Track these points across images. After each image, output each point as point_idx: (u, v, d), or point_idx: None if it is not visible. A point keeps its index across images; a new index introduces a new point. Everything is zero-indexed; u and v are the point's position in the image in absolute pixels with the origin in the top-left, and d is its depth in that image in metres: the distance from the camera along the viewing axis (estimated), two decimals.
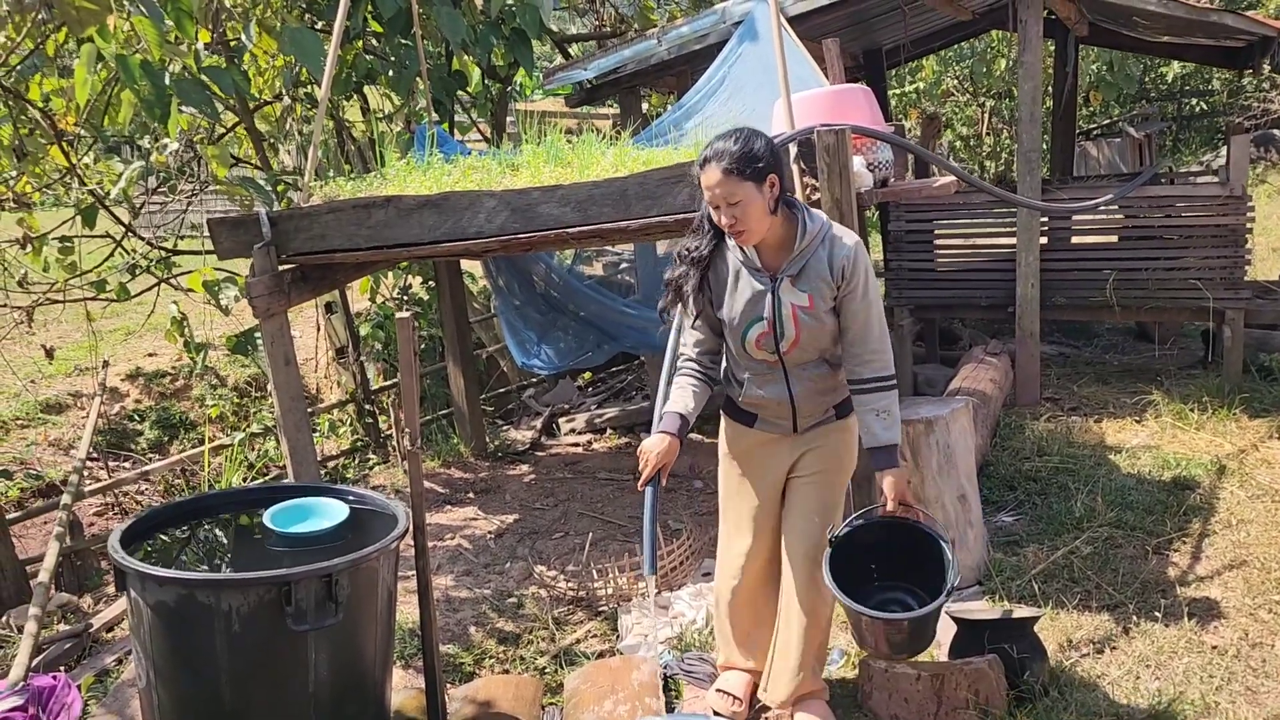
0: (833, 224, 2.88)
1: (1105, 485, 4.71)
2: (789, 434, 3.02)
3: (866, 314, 2.84)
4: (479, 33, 5.92)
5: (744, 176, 2.68)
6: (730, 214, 2.72)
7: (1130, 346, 7.85)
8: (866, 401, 2.88)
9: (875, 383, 2.86)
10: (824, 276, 2.82)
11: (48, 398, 8.26)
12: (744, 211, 2.71)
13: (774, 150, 2.75)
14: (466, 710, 3.27)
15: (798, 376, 2.93)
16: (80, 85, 4.53)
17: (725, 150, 2.70)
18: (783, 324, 2.85)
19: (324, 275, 4.44)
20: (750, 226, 2.74)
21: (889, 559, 3.00)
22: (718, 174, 2.70)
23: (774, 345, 2.88)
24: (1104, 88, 13.35)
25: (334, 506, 3.01)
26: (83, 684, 3.64)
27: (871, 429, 2.88)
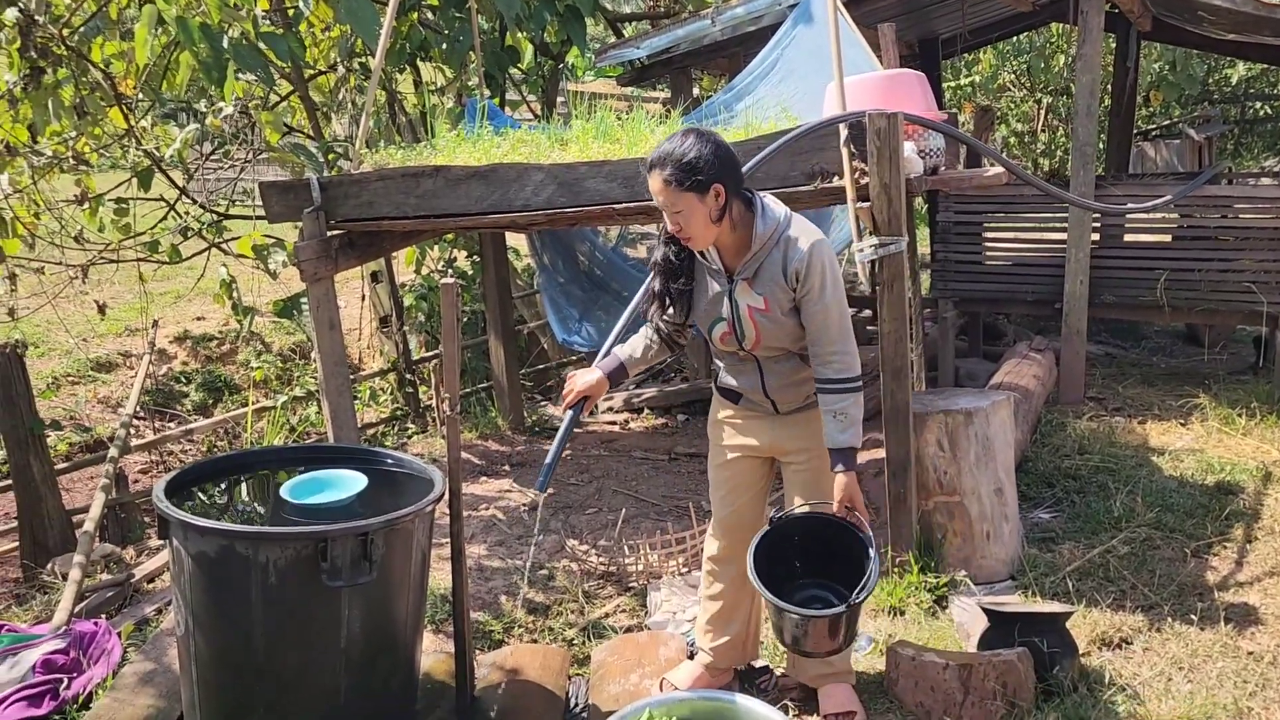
0: (793, 224, 2.80)
1: (1146, 486, 4.64)
2: (772, 415, 3.01)
3: (825, 315, 2.77)
4: (533, 9, 5.94)
5: (684, 188, 2.64)
6: (674, 221, 2.72)
7: (1179, 349, 7.72)
8: (825, 402, 2.83)
9: (835, 384, 2.80)
10: (777, 280, 2.78)
11: (98, 356, 8.45)
12: (686, 220, 2.70)
13: (720, 159, 2.67)
14: (494, 676, 3.31)
15: (770, 369, 2.93)
16: (140, 46, 4.61)
17: (667, 158, 2.65)
18: (741, 324, 2.85)
19: (371, 242, 4.49)
20: (693, 234, 2.73)
21: (818, 555, 2.92)
22: (658, 182, 2.68)
23: (737, 344, 2.90)
24: (1165, 87, 13.08)
25: (351, 479, 2.98)
26: (123, 631, 3.73)
27: (828, 429, 2.83)
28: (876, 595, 3.79)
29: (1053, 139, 14.54)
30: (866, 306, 8.52)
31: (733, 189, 2.71)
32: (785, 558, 2.91)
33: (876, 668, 3.34)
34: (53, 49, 4.91)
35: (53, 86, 5.07)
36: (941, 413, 3.86)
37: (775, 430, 3.01)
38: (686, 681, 3.17)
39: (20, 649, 3.49)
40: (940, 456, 3.87)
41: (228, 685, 2.69)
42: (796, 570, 2.93)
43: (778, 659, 3.41)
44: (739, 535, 3.11)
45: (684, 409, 6.62)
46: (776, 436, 3.02)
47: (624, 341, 3.15)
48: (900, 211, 3.54)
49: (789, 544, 2.92)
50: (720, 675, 3.24)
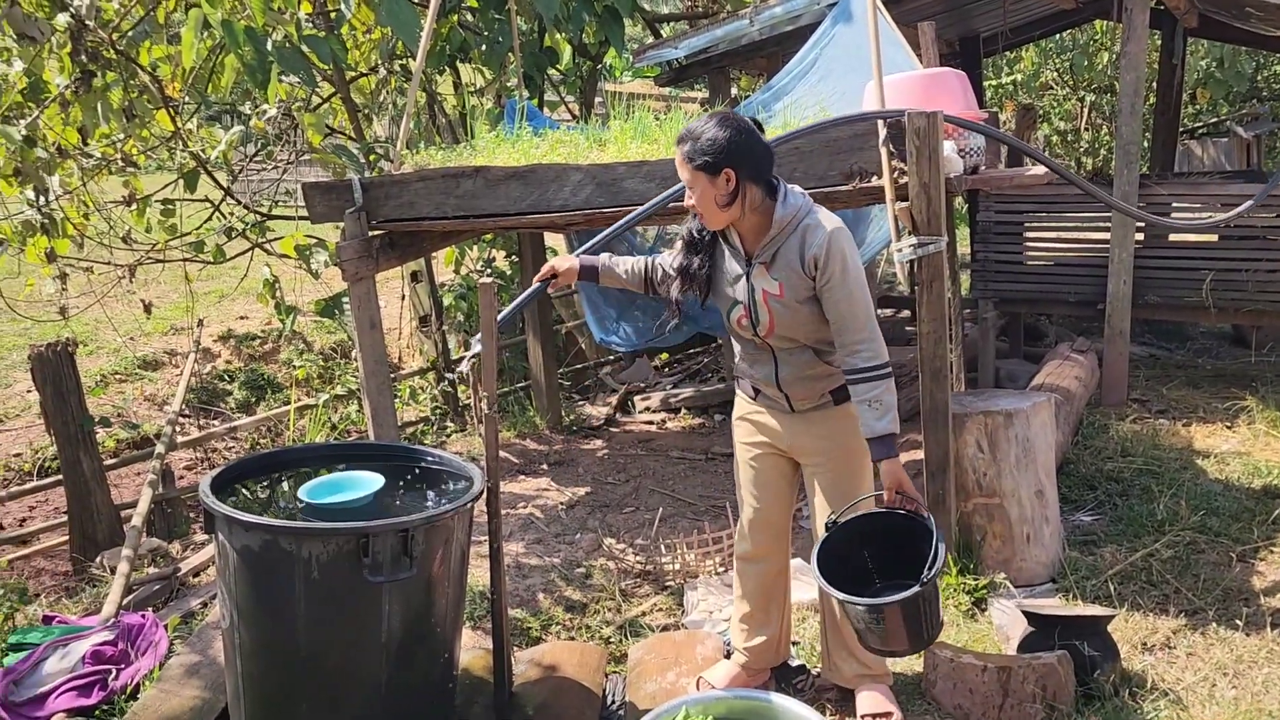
0: (813, 211, 2.80)
1: (1190, 489, 4.58)
2: (787, 412, 3.00)
3: (849, 303, 2.77)
4: (572, 10, 5.97)
5: (694, 166, 2.71)
6: (690, 198, 2.79)
7: (1225, 350, 7.59)
8: (858, 391, 2.81)
9: (865, 372, 2.78)
10: (794, 266, 2.78)
11: (145, 354, 8.61)
12: (698, 200, 2.76)
13: (735, 144, 2.68)
14: (532, 673, 3.34)
15: (784, 360, 2.93)
16: (187, 49, 4.69)
17: (688, 136, 2.72)
18: (756, 309, 2.86)
19: (411, 242, 4.54)
20: (704, 214, 2.79)
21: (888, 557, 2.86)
22: (677, 156, 2.76)
23: (753, 329, 2.90)
24: (1212, 85, 12.84)
25: (368, 480, 3.00)
26: (169, 624, 3.81)
27: (865, 419, 2.80)
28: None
29: (1096, 137, 14.34)
30: (905, 307, 8.48)
31: (746, 175, 2.72)
32: (857, 563, 2.86)
33: (914, 669, 3.33)
34: (103, 53, 5.01)
35: (102, 90, 5.17)
36: (981, 414, 3.84)
37: (793, 429, 3.01)
38: (723, 680, 3.18)
39: (70, 640, 3.57)
40: (980, 458, 3.85)
41: (271, 677, 2.74)
42: (872, 574, 2.88)
43: (815, 659, 3.41)
44: (765, 533, 3.12)
45: (720, 409, 6.62)
46: (794, 435, 3.01)
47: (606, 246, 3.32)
48: (939, 211, 3.52)
49: (856, 552, 2.87)
50: (756, 675, 3.24)
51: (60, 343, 5.16)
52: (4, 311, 7.62)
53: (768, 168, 2.78)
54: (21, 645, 3.62)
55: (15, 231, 5.43)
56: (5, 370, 8.35)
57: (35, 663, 3.46)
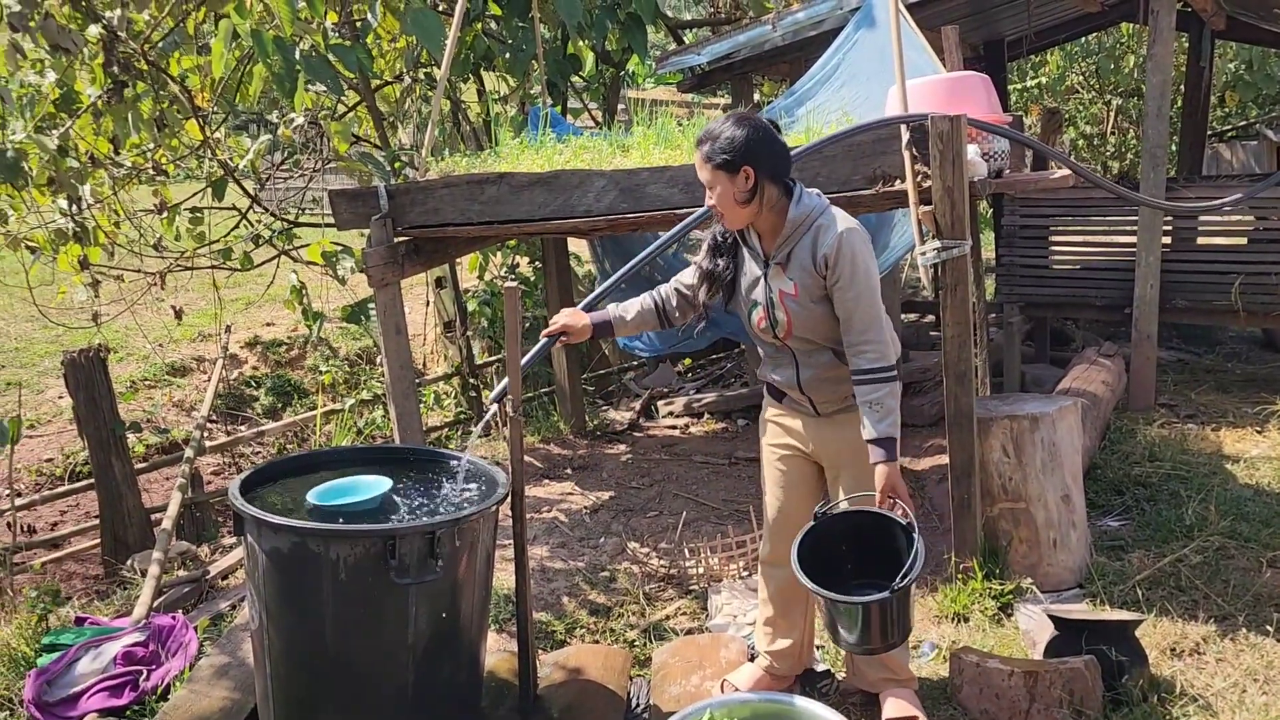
0: (828, 211, 2.82)
1: (1219, 494, 4.54)
2: (812, 415, 3.01)
3: (856, 303, 2.77)
4: (594, 17, 6.00)
5: (714, 165, 2.74)
6: (709, 197, 2.81)
7: (1255, 355, 7.51)
8: (861, 392, 2.82)
9: (868, 374, 2.79)
10: (806, 266, 2.79)
11: (174, 361, 8.71)
12: (717, 199, 2.79)
13: (754, 143, 2.72)
14: (556, 676, 3.35)
15: (805, 363, 2.94)
16: (216, 59, 4.76)
17: (708, 136, 2.76)
18: (774, 309, 2.88)
19: (436, 248, 4.58)
20: (724, 213, 2.82)
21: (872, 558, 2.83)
22: (697, 157, 2.80)
23: (771, 330, 2.92)
24: (1241, 88, 12.72)
25: (375, 483, 2.98)
26: (199, 625, 3.85)
27: (865, 420, 2.81)
28: (940, 601, 3.76)
29: (1123, 141, 14.22)
30: (929, 311, 8.45)
31: (764, 173, 2.75)
32: (837, 561, 2.86)
33: (940, 674, 3.31)
34: (134, 64, 5.08)
35: (133, 100, 5.25)
36: (1006, 418, 3.82)
37: (818, 432, 3.01)
38: (747, 684, 3.18)
39: (102, 641, 3.62)
40: (1005, 462, 3.83)
41: (299, 678, 2.77)
42: (849, 573, 2.86)
43: (840, 664, 3.41)
44: (788, 536, 3.09)
45: (744, 414, 6.62)
46: (819, 439, 3.01)
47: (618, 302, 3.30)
48: (963, 215, 3.51)
49: (838, 546, 2.87)
50: (780, 679, 3.24)
51: (92, 349, 5.23)
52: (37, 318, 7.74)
53: (785, 167, 2.81)
54: (55, 646, 3.67)
55: (48, 240, 5.52)
56: (38, 376, 8.48)
57: (68, 663, 3.51)
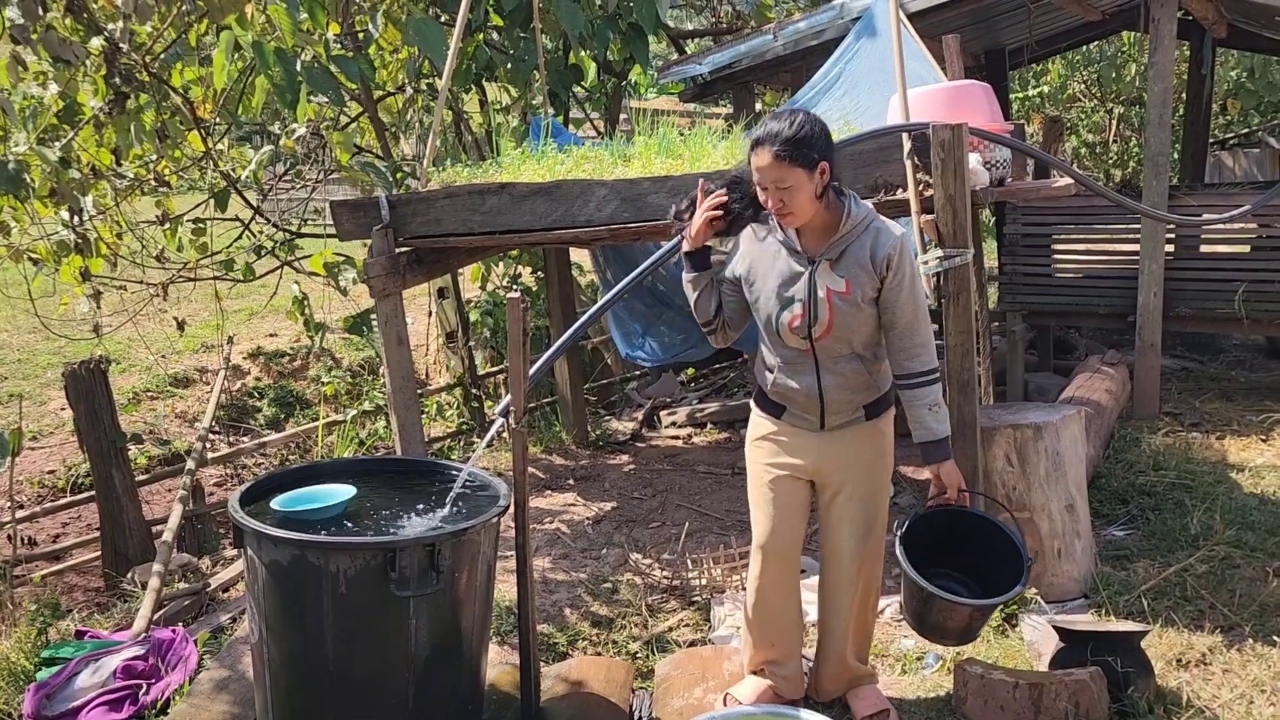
0: (879, 215, 2.84)
1: (1225, 503, 4.51)
2: (816, 430, 2.95)
3: (914, 306, 2.80)
4: (596, 27, 6.01)
5: (794, 163, 2.65)
6: (778, 198, 2.71)
7: (1259, 363, 7.49)
8: (919, 396, 2.83)
9: (925, 376, 2.82)
10: (864, 265, 2.77)
11: (176, 372, 8.71)
12: (792, 196, 2.70)
13: (827, 136, 2.73)
14: (558, 688, 3.33)
15: (829, 369, 2.87)
16: (218, 71, 4.76)
17: (778, 134, 2.67)
18: (817, 308, 2.80)
19: (438, 258, 4.57)
20: (796, 210, 2.72)
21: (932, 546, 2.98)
22: (768, 158, 2.67)
23: (807, 330, 2.83)
24: (1244, 95, 12.72)
25: (339, 491, 2.99)
26: (199, 639, 3.83)
27: (926, 423, 2.84)
28: None
29: (1125, 149, 14.22)
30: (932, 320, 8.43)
31: (835, 168, 2.75)
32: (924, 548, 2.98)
33: (944, 686, 3.29)
34: (136, 75, 5.09)
35: (135, 111, 5.25)
36: (1010, 427, 3.80)
37: (821, 449, 2.96)
38: (750, 696, 3.15)
39: (102, 655, 3.61)
40: (1009, 471, 3.81)
41: (299, 691, 2.76)
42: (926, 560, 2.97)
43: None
44: (784, 560, 3.05)
45: (747, 424, 6.59)
46: (822, 456, 2.96)
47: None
48: (965, 223, 3.50)
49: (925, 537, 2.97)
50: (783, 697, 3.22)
51: (94, 361, 5.23)
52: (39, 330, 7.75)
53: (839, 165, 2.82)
54: (54, 660, 3.65)
55: (50, 251, 5.52)
56: (40, 388, 8.47)
57: (68, 677, 3.49)
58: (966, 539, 2.99)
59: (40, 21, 4.29)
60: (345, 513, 2.93)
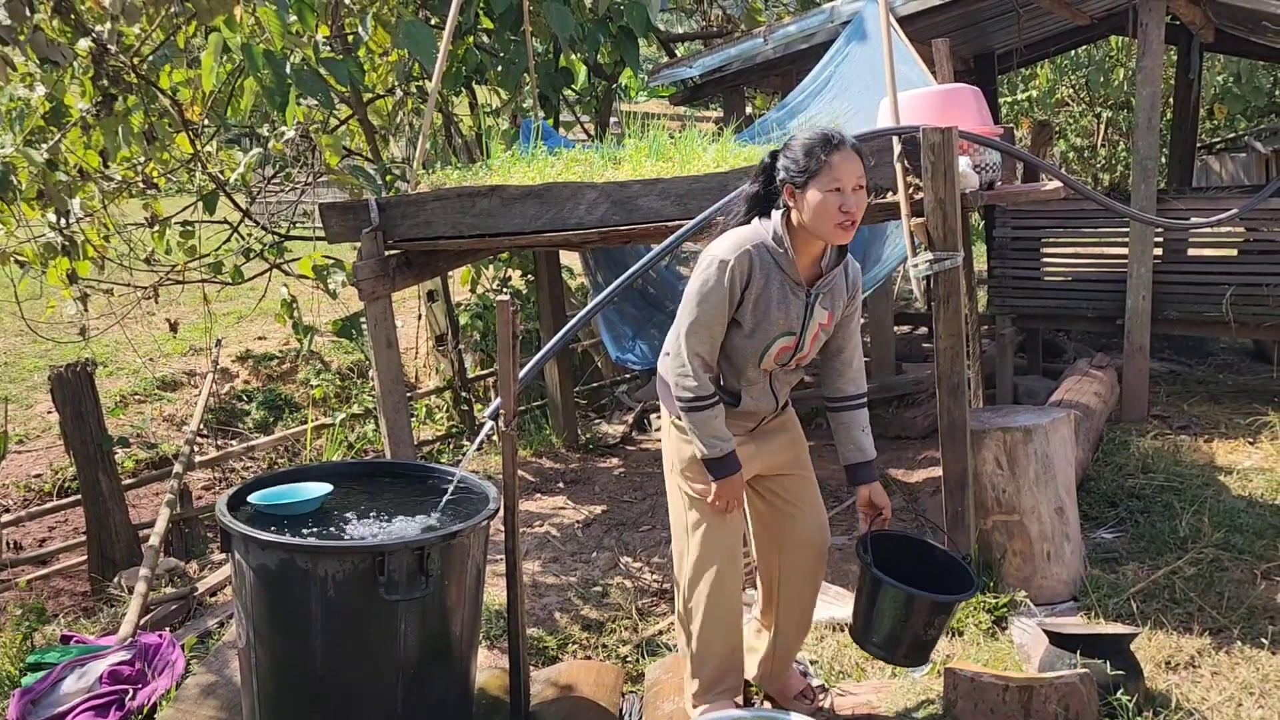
0: None
1: (1213, 506, 4.53)
2: (749, 431, 2.96)
3: (858, 332, 2.91)
4: (587, 30, 6.00)
5: (865, 158, 2.68)
6: (856, 201, 2.62)
7: (1246, 366, 7.52)
8: (857, 419, 2.91)
9: (862, 398, 2.93)
10: (841, 294, 2.83)
11: (164, 375, 8.67)
12: (860, 203, 2.64)
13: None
14: (548, 692, 3.32)
15: (781, 381, 2.92)
16: (207, 73, 4.75)
17: (845, 134, 2.65)
18: (805, 338, 2.79)
19: (428, 261, 4.56)
20: (858, 219, 2.65)
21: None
22: (853, 153, 2.62)
23: (790, 358, 2.83)
24: (1230, 100, 12.79)
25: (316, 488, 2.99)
26: (186, 644, 3.81)
27: (861, 444, 2.92)
28: None
29: (1113, 153, 14.30)
30: (922, 323, 8.45)
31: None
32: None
33: (934, 690, 3.29)
34: (124, 77, 5.07)
35: (123, 113, 5.23)
36: (1000, 430, 3.81)
37: (758, 445, 2.96)
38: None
39: (88, 660, 3.58)
40: (999, 474, 3.82)
41: (287, 696, 2.74)
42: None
43: (834, 678, 3.38)
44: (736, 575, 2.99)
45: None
46: (764, 447, 2.98)
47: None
48: (955, 227, 3.51)
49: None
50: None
51: (80, 364, 5.20)
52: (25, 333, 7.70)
53: None
54: (40, 665, 3.63)
55: (37, 254, 5.49)
56: (26, 391, 8.42)
57: (53, 683, 3.47)
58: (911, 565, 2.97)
59: (28, 22, 4.27)
60: (321, 508, 2.94)
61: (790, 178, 2.66)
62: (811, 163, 2.61)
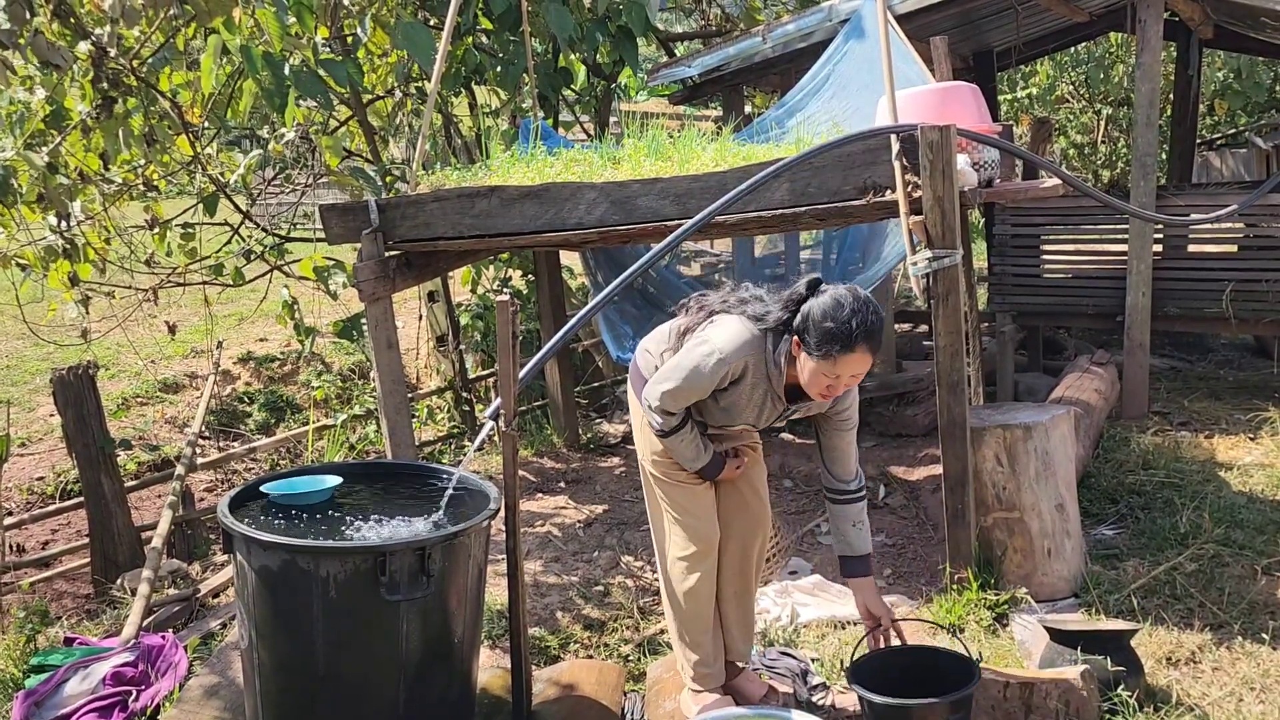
0: None
1: (1213, 502, 4.53)
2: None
3: (854, 431, 2.96)
4: (586, 30, 6.00)
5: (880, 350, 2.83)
6: (846, 385, 2.75)
7: (1247, 362, 7.52)
8: (852, 512, 2.99)
9: (859, 493, 3.00)
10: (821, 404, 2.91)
11: (165, 378, 8.67)
12: (853, 383, 2.78)
13: None
14: (550, 692, 3.33)
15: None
16: (206, 75, 4.75)
17: (872, 328, 2.65)
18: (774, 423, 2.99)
19: (428, 262, 4.57)
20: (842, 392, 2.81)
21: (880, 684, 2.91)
22: (865, 358, 2.68)
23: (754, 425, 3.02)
24: (1230, 96, 12.77)
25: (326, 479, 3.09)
26: (189, 645, 3.82)
27: (850, 539, 3.01)
28: (935, 613, 3.75)
29: (1113, 150, 14.27)
30: (922, 321, 8.45)
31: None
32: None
33: None
34: (123, 80, 5.07)
35: (123, 116, 5.23)
36: (1000, 427, 3.81)
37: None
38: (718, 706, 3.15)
39: (91, 661, 3.59)
40: (999, 472, 3.82)
41: (290, 697, 2.75)
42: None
43: (835, 676, 3.39)
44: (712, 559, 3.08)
45: None
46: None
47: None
48: (954, 224, 3.51)
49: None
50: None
51: (82, 366, 5.20)
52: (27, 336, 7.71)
53: None
54: (43, 667, 3.64)
55: (38, 257, 5.49)
56: (29, 394, 8.43)
57: (57, 684, 3.48)
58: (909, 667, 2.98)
59: (27, 26, 4.27)
60: (324, 507, 2.98)
61: (801, 336, 2.72)
62: (823, 348, 2.66)
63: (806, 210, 3.69)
